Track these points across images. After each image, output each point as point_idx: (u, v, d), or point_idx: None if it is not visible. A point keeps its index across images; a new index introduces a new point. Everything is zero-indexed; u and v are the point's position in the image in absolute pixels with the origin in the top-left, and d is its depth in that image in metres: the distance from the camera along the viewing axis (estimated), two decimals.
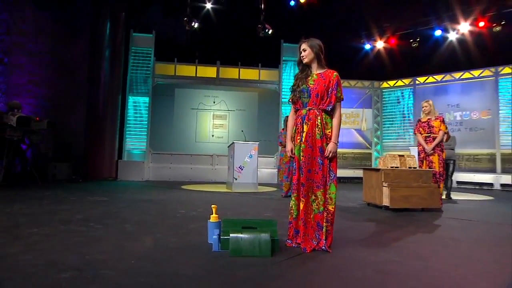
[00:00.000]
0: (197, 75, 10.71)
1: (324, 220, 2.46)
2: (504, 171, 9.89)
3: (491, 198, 7.22)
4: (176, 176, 10.19)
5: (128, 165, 9.94)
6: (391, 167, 4.60)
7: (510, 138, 9.85)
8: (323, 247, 2.43)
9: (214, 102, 10.74)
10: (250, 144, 7.41)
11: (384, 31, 11.60)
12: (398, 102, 11.65)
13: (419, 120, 5.16)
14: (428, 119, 5.04)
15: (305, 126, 2.54)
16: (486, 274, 2.03)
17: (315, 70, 2.63)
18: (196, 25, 10.02)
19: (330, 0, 11.34)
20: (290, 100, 2.72)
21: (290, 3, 11.56)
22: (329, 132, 2.52)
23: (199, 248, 2.47)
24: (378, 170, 4.60)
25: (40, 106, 9.35)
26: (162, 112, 10.42)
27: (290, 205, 2.61)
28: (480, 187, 10.03)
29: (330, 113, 2.56)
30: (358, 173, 11.94)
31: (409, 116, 11.37)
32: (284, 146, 6.44)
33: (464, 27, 10.30)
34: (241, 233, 2.35)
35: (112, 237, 2.76)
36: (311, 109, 2.55)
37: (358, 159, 12.04)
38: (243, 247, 2.29)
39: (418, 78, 11.24)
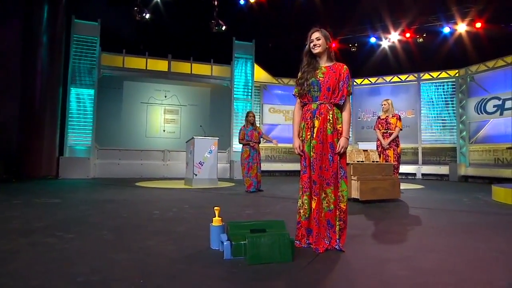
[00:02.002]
0: (147, 68, 9.83)
1: (337, 219, 2.26)
2: (424, 162, 10.93)
3: (422, 186, 7.85)
4: (125, 173, 9.26)
5: (71, 161, 8.73)
6: (357, 161, 4.63)
7: (429, 134, 10.92)
8: (336, 247, 2.24)
9: (165, 97, 9.99)
10: (210, 139, 6.98)
11: None
12: None
13: (379, 117, 5.31)
14: (387, 116, 5.20)
15: (316, 121, 2.30)
16: (497, 263, 2.02)
17: (323, 63, 2.40)
18: (147, 15, 9.14)
19: (277, 3, 11.29)
20: (296, 94, 2.46)
21: (240, 1, 11.23)
22: (340, 127, 2.33)
23: (206, 256, 2.10)
24: (346, 164, 4.59)
25: None
26: (109, 105, 9.35)
27: (299, 204, 2.36)
28: (405, 177, 10.93)
29: (340, 108, 2.37)
30: None
31: None
32: (244, 144, 6.11)
33: (394, 36, 11.07)
34: (259, 237, 2.03)
35: (94, 248, 2.23)
36: (322, 103, 2.32)
37: None
38: (262, 253, 1.98)
39: (356, 80, 11.80)
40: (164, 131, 9.94)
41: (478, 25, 9.99)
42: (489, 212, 4.04)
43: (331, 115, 2.29)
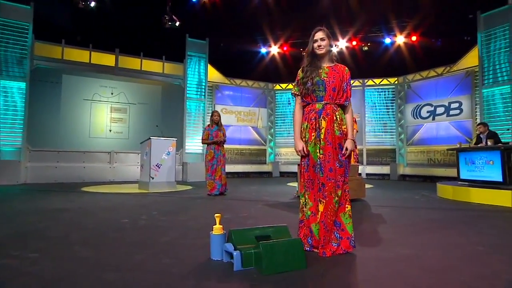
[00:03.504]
0: (91, 62, 8.94)
1: (346, 216, 2.24)
2: (368, 163, 11.73)
3: (371, 186, 8.36)
4: (65, 177, 8.29)
5: None
6: None
7: (372, 136, 11.76)
8: (352, 243, 2.20)
9: (112, 94, 9.19)
10: (168, 140, 6.59)
11: (278, 38, 12.17)
12: (289, 103, 12.42)
13: None
14: None
15: (323, 122, 2.24)
16: (487, 256, 2.17)
17: (325, 63, 2.37)
18: (92, 4, 8.32)
19: (231, 3, 11.18)
20: (297, 93, 2.38)
21: None
22: (345, 128, 2.31)
23: (212, 269, 1.91)
24: None
25: None
26: (45, 101, 8.29)
27: (302, 202, 2.30)
28: None
29: (343, 109, 2.35)
30: (255, 167, 12.25)
31: None
32: (208, 144, 5.88)
33: (342, 43, 11.70)
34: (272, 245, 1.90)
35: (74, 269, 1.88)
36: (328, 103, 2.28)
37: (254, 154, 12.32)
38: (277, 262, 1.86)
39: None
40: (110, 131, 9.14)
41: (414, 38, 11.08)
42: (444, 208, 4.42)
43: (337, 116, 2.27)
